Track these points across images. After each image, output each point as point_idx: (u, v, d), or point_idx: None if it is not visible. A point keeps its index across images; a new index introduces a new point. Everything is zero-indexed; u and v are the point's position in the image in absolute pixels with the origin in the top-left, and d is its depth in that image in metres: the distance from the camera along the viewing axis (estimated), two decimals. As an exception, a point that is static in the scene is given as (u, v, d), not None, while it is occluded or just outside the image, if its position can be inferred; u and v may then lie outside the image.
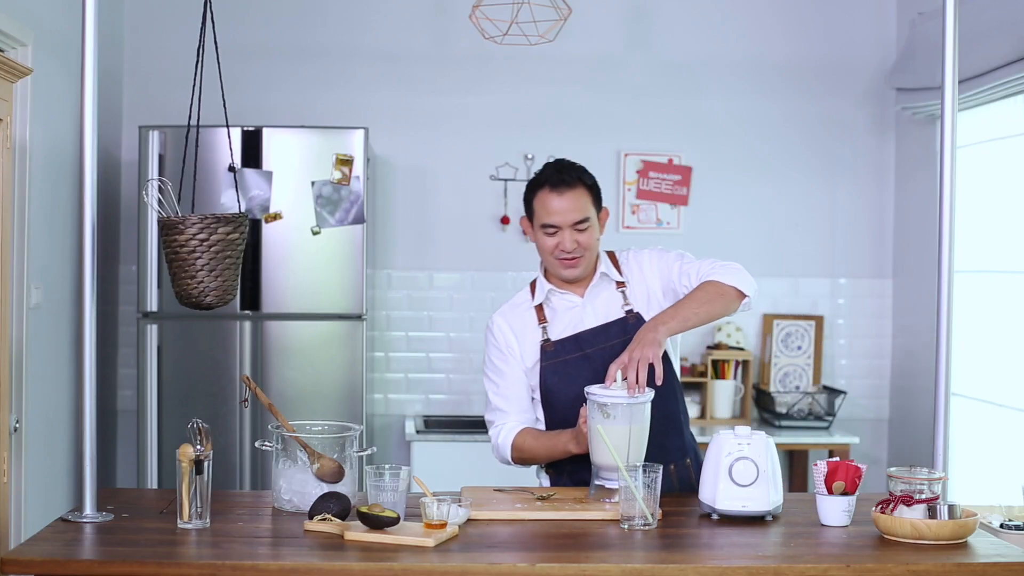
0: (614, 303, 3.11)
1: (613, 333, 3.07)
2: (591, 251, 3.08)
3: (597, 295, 3.13)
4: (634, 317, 3.08)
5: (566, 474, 3.11)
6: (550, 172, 3.07)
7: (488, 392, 3.17)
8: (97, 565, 2.41)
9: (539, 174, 3.10)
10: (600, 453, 2.81)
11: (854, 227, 5.60)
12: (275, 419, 2.86)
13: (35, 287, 4.06)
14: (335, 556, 2.43)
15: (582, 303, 3.12)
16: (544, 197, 3.05)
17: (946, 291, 2.96)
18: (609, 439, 2.76)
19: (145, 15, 5.35)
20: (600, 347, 3.06)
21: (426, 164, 5.47)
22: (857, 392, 5.59)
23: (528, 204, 3.11)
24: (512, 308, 3.18)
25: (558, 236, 3.04)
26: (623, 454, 2.76)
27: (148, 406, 4.70)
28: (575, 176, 3.05)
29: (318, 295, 4.74)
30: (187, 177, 3.59)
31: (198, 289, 2.94)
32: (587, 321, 3.10)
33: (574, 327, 3.10)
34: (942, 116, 2.99)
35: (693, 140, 5.53)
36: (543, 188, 3.05)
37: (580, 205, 3.04)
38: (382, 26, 5.43)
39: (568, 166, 3.09)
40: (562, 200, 3.02)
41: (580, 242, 3.04)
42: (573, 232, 3.03)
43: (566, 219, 3.03)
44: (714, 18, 5.54)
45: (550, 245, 3.06)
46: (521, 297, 3.20)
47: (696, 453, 3.17)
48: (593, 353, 3.06)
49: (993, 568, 2.43)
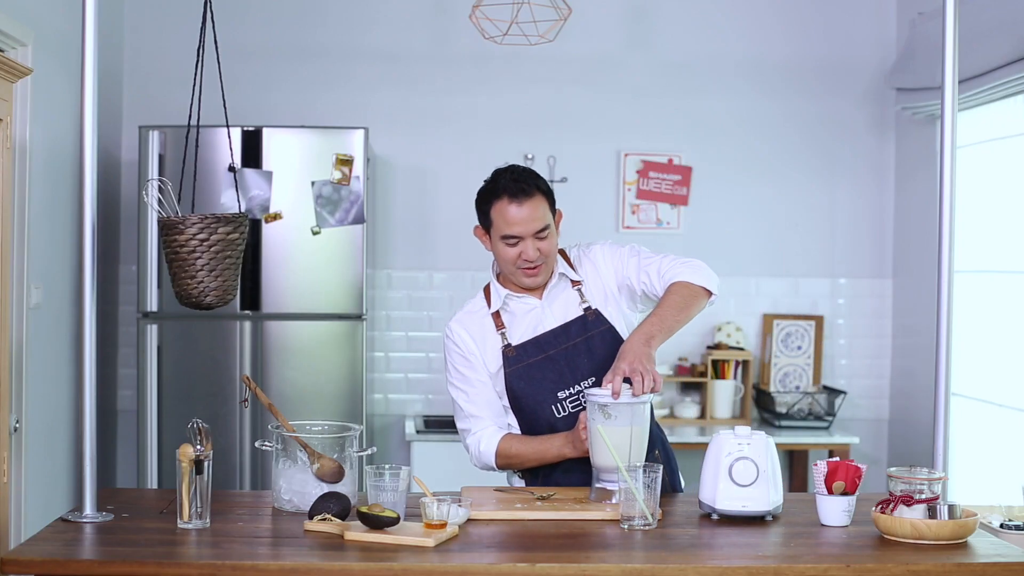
0: (572, 302, 3.09)
1: (574, 332, 3.06)
2: (552, 257, 3.05)
3: (555, 296, 3.10)
4: (593, 314, 3.07)
5: (540, 476, 3.10)
6: (507, 182, 2.98)
7: (457, 401, 3.13)
8: (97, 565, 2.41)
9: (493, 183, 3.01)
10: (602, 455, 2.81)
11: (854, 227, 5.60)
12: (275, 419, 2.86)
13: (35, 287, 4.06)
14: (335, 556, 2.43)
15: (540, 305, 3.09)
16: (503, 208, 2.97)
17: (946, 291, 2.96)
18: (610, 440, 2.76)
19: (145, 15, 5.35)
20: (562, 347, 3.05)
21: (426, 164, 5.47)
22: (857, 392, 5.59)
23: (484, 214, 3.03)
24: (469, 315, 3.13)
25: (520, 246, 2.99)
26: (624, 455, 2.76)
27: (148, 406, 4.70)
28: (532, 184, 2.98)
29: (318, 295, 4.74)
30: (187, 177, 3.59)
31: (198, 289, 2.94)
32: (547, 322, 3.08)
33: (534, 329, 3.07)
34: (942, 116, 2.99)
35: (693, 140, 5.53)
36: (501, 199, 2.98)
37: (540, 213, 2.98)
38: (382, 26, 5.43)
39: (523, 174, 3.00)
40: (522, 210, 2.96)
41: (542, 250, 2.99)
42: (535, 241, 2.98)
43: (528, 228, 2.97)
44: (714, 18, 5.54)
45: (512, 255, 3.00)
46: (476, 304, 3.15)
47: (664, 443, 3.17)
48: (556, 354, 3.05)
49: (993, 568, 2.43)
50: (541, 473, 3.09)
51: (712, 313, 5.54)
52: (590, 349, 3.05)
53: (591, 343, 3.05)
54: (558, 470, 3.06)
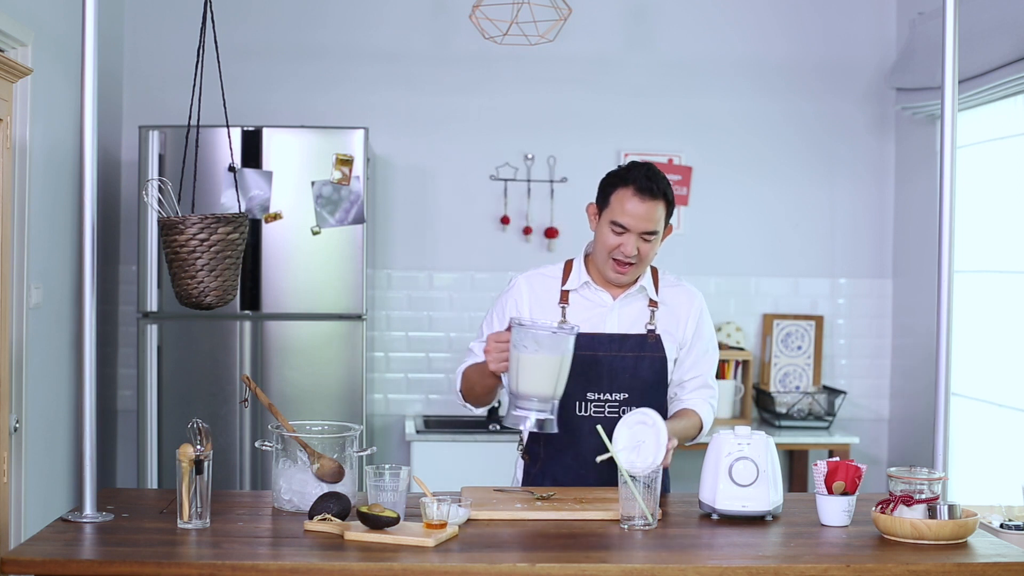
0: (641, 317, 3.12)
1: (630, 346, 3.08)
2: (645, 263, 3.09)
3: (628, 304, 3.13)
4: (654, 337, 3.10)
5: (540, 462, 3.12)
6: (640, 175, 3.03)
7: (476, 340, 3.16)
8: (97, 565, 2.41)
9: (628, 171, 3.07)
10: (525, 382, 2.79)
11: (854, 227, 5.60)
12: (275, 419, 2.86)
13: (35, 287, 4.06)
14: (335, 556, 2.43)
15: (611, 306, 3.12)
16: (626, 196, 3.02)
17: (946, 291, 2.97)
18: (541, 369, 2.76)
19: (145, 15, 5.35)
20: (614, 354, 3.07)
21: (426, 164, 5.47)
22: (857, 392, 5.59)
23: (604, 195, 3.08)
24: (540, 276, 3.18)
25: (624, 238, 3.03)
26: (552, 384, 2.77)
27: (148, 406, 4.70)
28: (661, 189, 3.03)
29: (318, 295, 4.74)
30: (187, 177, 3.60)
31: (198, 289, 2.94)
32: (609, 325, 3.10)
33: (594, 326, 3.09)
34: (942, 116, 2.99)
35: (693, 140, 5.53)
36: (628, 187, 3.03)
37: (656, 216, 3.03)
38: (382, 26, 5.43)
39: (657, 175, 3.05)
40: (643, 206, 3.01)
41: (641, 251, 3.03)
42: (639, 239, 3.02)
43: (639, 226, 3.01)
44: (714, 18, 5.54)
45: (612, 243, 3.04)
46: (552, 270, 3.18)
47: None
48: (604, 358, 3.06)
49: (993, 568, 2.43)
50: (541, 458, 3.11)
51: (712, 313, 5.48)
52: (637, 368, 3.08)
53: (640, 363, 3.08)
54: (554, 459, 3.08)
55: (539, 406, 2.80)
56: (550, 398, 2.80)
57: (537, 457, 3.13)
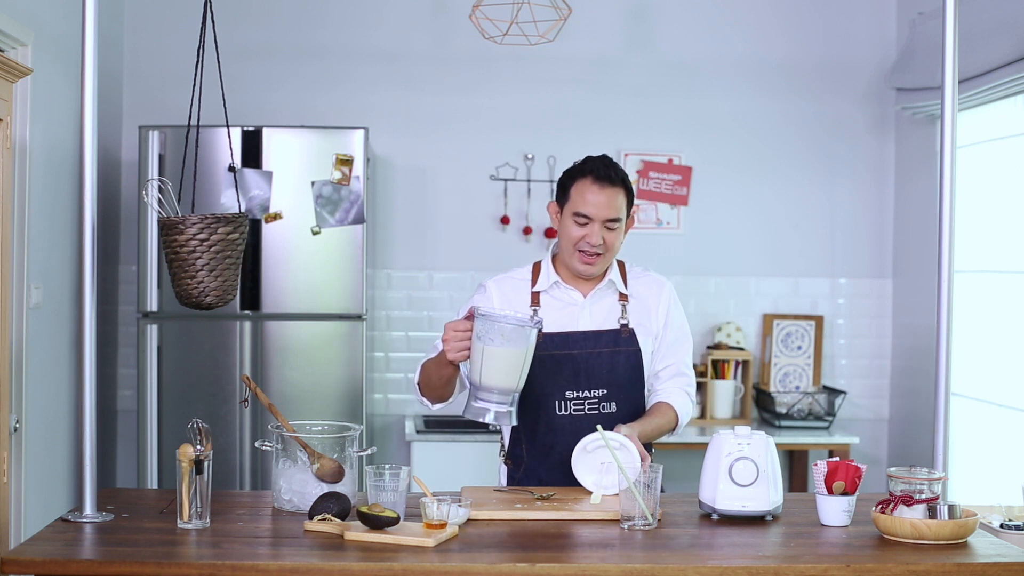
0: (613, 313, 3.14)
1: (604, 341, 3.10)
2: (612, 252, 3.10)
3: (599, 300, 3.14)
4: (627, 332, 3.11)
5: (524, 466, 3.12)
6: (596, 164, 3.07)
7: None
8: (97, 565, 2.41)
9: (584, 164, 3.10)
10: (488, 374, 2.78)
11: (854, 227, 5.60)
12: (275, 419, 2.86)
13: (35, 287, 4.06)
14: (335, 556, 2.43)
15: (582, 303, 3.13)
16: (584, 187, 3.05)
17: (946, 291, 2.97)
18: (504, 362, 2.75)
19: (145, 15, 5.35)
20: (588, 351, 3.08)
21: (426, 164, 5.47)
22: (857, 392, 5.59)
23: (564, 190, 3.11)
24: (509, 279, 3.19)
25: (587, 228, 3.05)
26: (515, 377, 2.77)
27: (148, 406, 4.70)
28: (618, 176, 3.07)
29: (318, 295, 4.74)
30: (187, 177, 3.60)
31: (198, 289, 2.94)
32: (582, 322, 3.11)
33: (565, 324, 3.10)
34: (942, 116, 2.99)
35: (693, 140, 5.53)
36: (586, 178, 3.06)
37: (616, 204, 3.05)
38: (382, 26, 5.43)
39: (613, 164, 3.09)
40: (602, 194, 3.03)
41: (606, 240, 3.05)
42: (603, 228, 3.04)
43: (601, 213, 3.03)
44: (714, 18, 5.54)
45: (576, 235, 3.06)
46: (521, 273, 3.19)
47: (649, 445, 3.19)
48: (579, 355, 3.08)
49: (993, 568, 2.43)
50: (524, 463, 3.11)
51: (712, 313, 5.55)
52: (612, 363, 3.09)
53: (615, 358, 3.09)
54: (540, 464, 3.08)
55: (499, 399, 2.80)
56: (511, 391, 2.80)
57: (520, 461, 3.13)
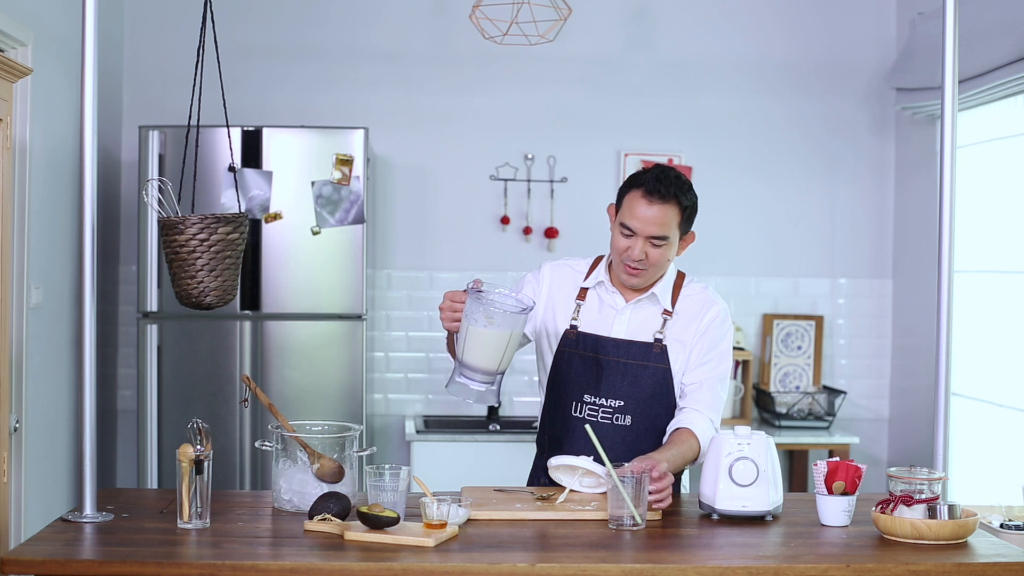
0: (651, 326, 3.06)
1: (633, 353, 3.04)
2: (657, 268, 3.01)
3: (639, 309, 3.07)
4: (659, 348, 3.04)
5: (544, 457, 3.11)
6: (651, 177, 2.96)
7: None
8: (97, 565, 2.41)
9: (642, 173, 3.01)
10: (472, 354, 2.79)
11: (854, 227, 5.60)
12: (275, 419, 2.86)
13: (35, 287, 4.06)
14: (335, 556, 2.43)
15: (621, 309, 3.08)
16: (634, 199, 2.97)
17: (946, 291, 2.97)
18: (488, 343, 2.76)
19: (145, 15, 5.35)
20: (614, 359, 3.04)
21: (426, 164, 5.47)
22: (857, 392, 5.59)
23: (620, 196, 3.03)
24: (566, 267, 3.16)
25: (631, 241, 2.97)
26: (497, 359, 2.77)
27: (148, 406, 4.70)
28: (672, 191, 2.94)
29: (318, 295, 4.74)
30: (187, 177, 3.60)
31: (198, 289, 2.94)
32: (617, 329, 3.06)
33: (599, 327, 3.07)
34: (942, 116, 2.99)
35: (693, 140, 5.53)
36: (638, 189, 2.96)
37: (665, 221, 2.95)
38: (382, 26, 5.43)
39: (669, 178, 2.96)
40: (649, 209, 2.94)
41: (649, 256, 2.97)
42: (646, 244, 2.96)
43: (645, 229, 2.95)
44: (714, 18, 5.54)
45: (621, 246, 2.99)
46: (580, 265, 3.16)
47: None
48: (606, 361, 3.04)
49: (993, 568, 2.43)
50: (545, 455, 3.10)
51: (712, 313, 5.54)
52: (637, 377, 3.03)
53: (641, 372, 3.03)
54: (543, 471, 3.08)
55: (482, 378, 2.80)
56: (493, 372, 2.80)
57: (543, 449, 3.15)
